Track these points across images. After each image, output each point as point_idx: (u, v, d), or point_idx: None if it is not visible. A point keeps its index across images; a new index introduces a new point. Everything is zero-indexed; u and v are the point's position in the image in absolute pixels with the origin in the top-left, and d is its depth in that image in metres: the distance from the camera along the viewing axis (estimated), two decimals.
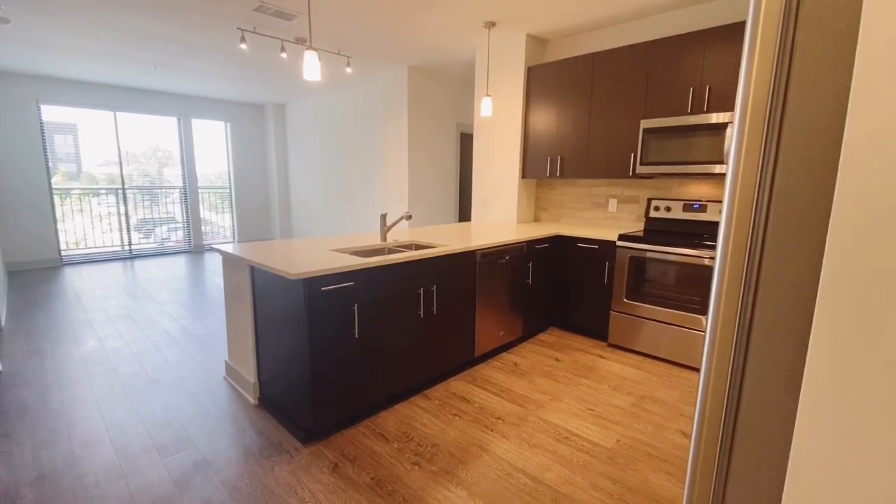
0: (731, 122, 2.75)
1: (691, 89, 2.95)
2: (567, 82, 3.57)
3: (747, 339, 0.80)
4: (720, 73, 2.82)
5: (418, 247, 2.79)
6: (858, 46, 0.50)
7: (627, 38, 3.54)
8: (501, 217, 4.20)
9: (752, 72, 0.73)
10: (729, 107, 2.80)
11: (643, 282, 3.07)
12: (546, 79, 3.71)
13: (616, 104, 3.31)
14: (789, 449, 0.59)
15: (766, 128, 0.73)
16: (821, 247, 0.64)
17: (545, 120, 3.76)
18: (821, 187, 0.65)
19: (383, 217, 2.81)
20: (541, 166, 3.83)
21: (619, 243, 3.13)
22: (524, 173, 3.99)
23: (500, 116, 4.07)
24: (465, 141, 5.92)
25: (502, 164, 4.11)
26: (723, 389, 0.83)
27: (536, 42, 3.96)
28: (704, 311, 2.80)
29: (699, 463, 0.88)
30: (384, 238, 2.81)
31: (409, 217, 2.75)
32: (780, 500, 0.60)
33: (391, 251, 2.74)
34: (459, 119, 5.62)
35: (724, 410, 0.83)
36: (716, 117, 2.82)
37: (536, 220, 4.31)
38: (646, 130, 3.14)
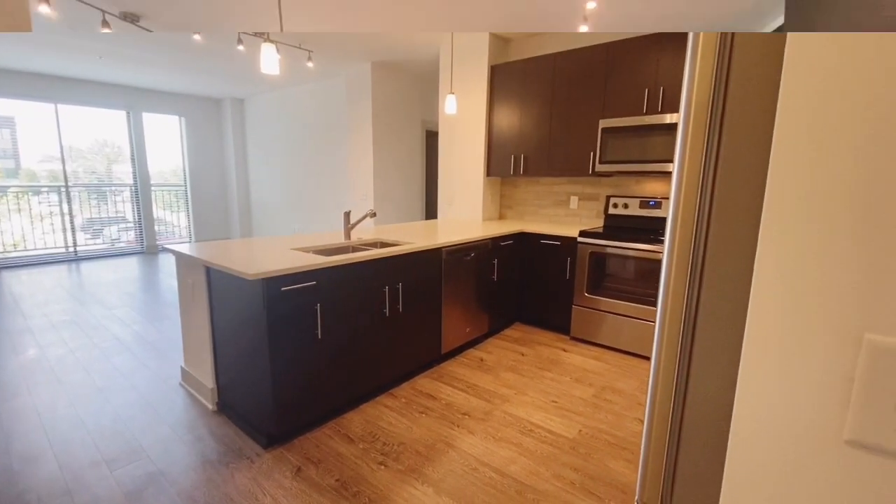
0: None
1: (646, 90, 3.06)
2: (530, 82, 3.63)
3: (693, 328, 0.84)
4: (674, 76, 2.94)
5: (383, 244, 2.77)
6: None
7: (588, 39, 3.63)
8: (467, 215, 4.23)
9: (695, 76, 0.77)
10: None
11: (603, 276, 3.17)
12: (509, 78, 3.76)
13: (576, 104, 3.40)
14: (729, 433, 0.63)
15: (707, 132, 0.76)
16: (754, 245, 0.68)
17: (509, 118, 3.81)
18: (755, 187, 0.69)
19: (347, 215, 2.77)
20: (505, 164, 3.88)
21: (579, 239, 3.22)
22: (489, 171, 4.03)
23: (464, 115, 4.09)
24: (432, 139, 5.92)
25: (467, 163, 4.13)
26: (671, 377, 0.88)
27: (500, 41, 4.01)
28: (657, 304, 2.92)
29: (651, 445, 0.92)
30: (348, 236, 2.77)
31: (374, 214, 2.72)
32: (721, 476, 0.64)
33: (355, 249, 2.71)
34: (425, 116, 5.61)
35: (673, 397, 0.87)
36: (670, 118, 2.94)
37: (501, 217, 4.37)
38: (604, 130, 3.24)
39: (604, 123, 3.23)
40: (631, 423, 2.25)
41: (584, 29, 2.89)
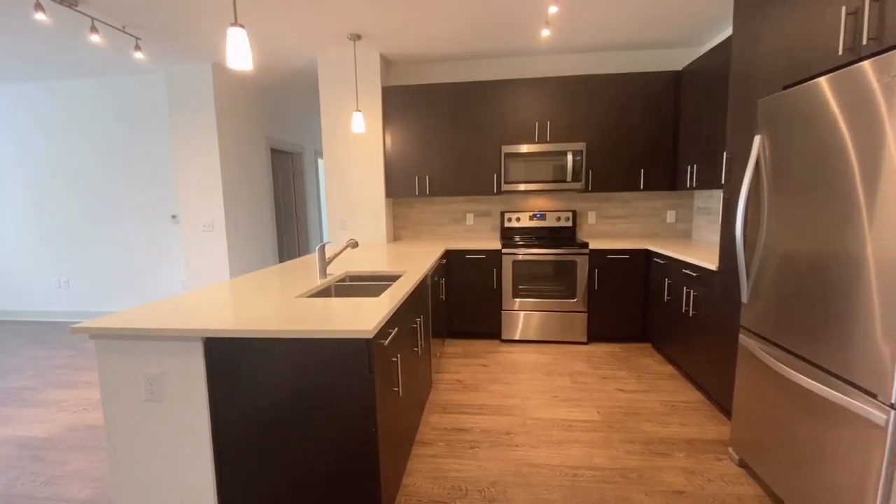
0: (568, 151, 3.63)
1: (536, 123, 3.70)
2: (431, 106, 3.77)
3: None
4: (557, 112, 3.66)
5: (373, 278, 2.42)
6: None
7: (468, 73, 4.05)
8: (364, 238, 3.97)
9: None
10: (564, 138, 3.68)
11: (524, 281, 3.62)
12: (405, 101, 3.79)
13: (480, 130, 3.76)
14: None
15: None
16: None
17: (409, 140, 3.83)
18: None
19: (321, 249, 2.28)
20: (408, 185, 3.88)
21: (503, 251, 3.58)
22: (389, 192, 3.92)
23: (357, 135, 3.85)
24: (276, 158, 5.20)
25: (363, 184, 3.90)
26: None
27: (386, 62, 3.98)
28: (573, 296, 3.58)
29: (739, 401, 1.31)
30: (324, 274, 2.28)
31: (356, 245, 2.35)
32: None
33: (337, 291, 2.27)
34: (270, 133, 4.87)
35: None
36: (557, 146, 3.65)
37: (396, 238, 4.29)
38: (506, 154, 3.71)
39: (506, 149, 3.70)
40: (618, 393, 2.73)
41: (546, 33, 3.23)
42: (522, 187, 3.73)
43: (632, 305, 3.55)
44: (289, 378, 1.44)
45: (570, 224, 4.00)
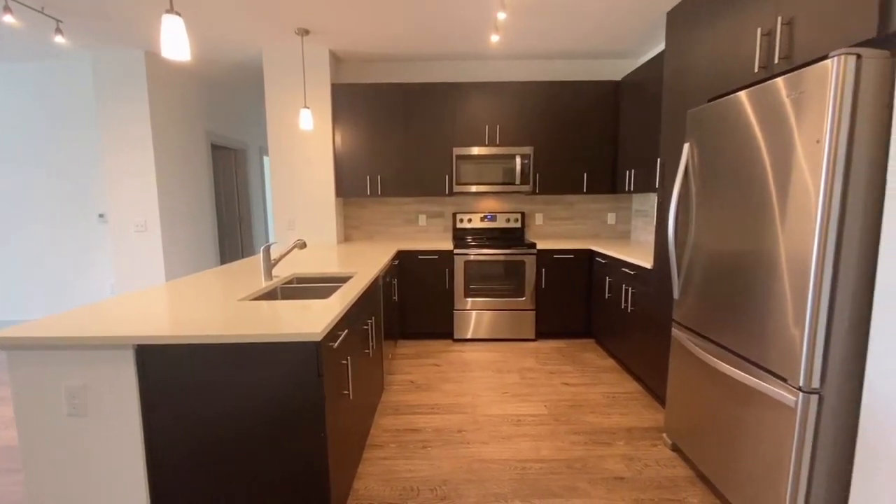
0: (516, 154, 3.74)
1: (486, 126, 3.77)
2: (382, 106, 3.73)
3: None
4: (506, 116, 3.76)
5: (321, 280, 2.37)
6: None
7: (419, 74, 4.05)
8: (314, 239, 3.87)
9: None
10: (513, 141, 3.78)
11: (475, 280, 3.68)
12: (356, 99, 3.73)
13: (432, 131, 3.77)
14: None
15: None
16: None
17: (361, 139, 3.77)
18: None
19: (267, 250, 2.19)
20: (359, 185, 3.82)
21: (456, 251, 3.62)
22: (339, 192, 3.84)
23: (305, 132, 3.74)
24: (218, 154, 4.93)
25: (312, 183, 3.79)
26: None
27: (335, 59, 3.90)
28: (522, 294, 3.69)
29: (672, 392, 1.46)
30: (269, 276, 2.20)
31: (304, 245, 2.28)
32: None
33: (283, 294, 2.20)
34: (210, 127, 4.60)
35: None
36: (507, 149, 3.75)
37: (348, 239, 4.21)
38: (458, 156, 3.75)
39: (457, 151, 3.75)
40: (563, 387, 2.84)
41: (496, 38, 3.26)
42: (474, 189, 3.79)
43: (576, 303, 3.71)
44: (231, 385, 1.37)
45: (519, 225, 4.12)
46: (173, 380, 1.37)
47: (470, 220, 4.11)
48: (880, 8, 1.26)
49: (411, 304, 3.69)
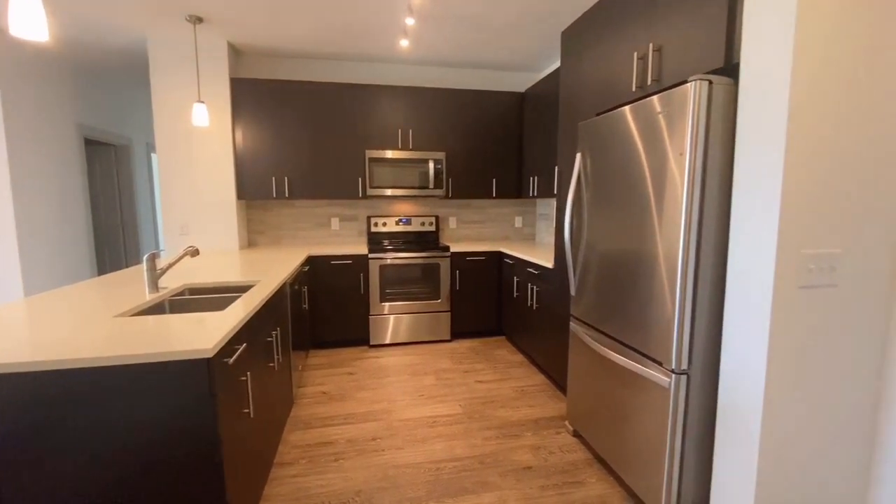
0: (429, 159, 3.78)
1: (399, 130, 3.77)
2: (290, 104, 3.54)
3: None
4: (418, 120, 3.79)
5: (217, 290, 2.17)
6: None
7: (329, 74, 3.92)
8: (212, 245, 3.55)
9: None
10: (426, 146, 3.83)
11: (391, 285, 3.65)
12: (261, 95, 3.50)
13: (343, 133, 3.67)
14: None
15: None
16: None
17: (265, 138, 3.54)
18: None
19: (152, 258, 1.95)
20: (264, 187, 3.58)
21: (370, 256, 3.55)
22: (241, 194, 3.57)
23: (200, 129, 3.42)
24: (95, 151, 4.29)
25: (209, 184, 3.48)
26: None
27: (235, 52, 3.62)
28: (437, 296, 3.73)
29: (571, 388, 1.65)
30: (155, 287, 1.97)
31: (196, 253, 2.08)
32: None
33: (173, 306, 1.99)
34: (83, 119, 4.00)
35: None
36: (420, 154, 3.78)
37: (251, 245, 3.92)
38: (371, 159, 3.70)
39: (370, 154, 3.69)
40: (477, 385, 2.93)
41: (405, 43, 3.19)
42: (389, 192, 3.76)
43: (488, 302, 3.85)
44: (107, 415, 1.20)
45: (433, 229, 4.17)
46: (28, 415, 1.16)
47: (385, 224, 4.07)
48: (727, 43, 1.49)
49: (324, 311, 3.55)
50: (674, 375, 1.55)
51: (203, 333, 1.35)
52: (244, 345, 1.55)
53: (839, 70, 1.28)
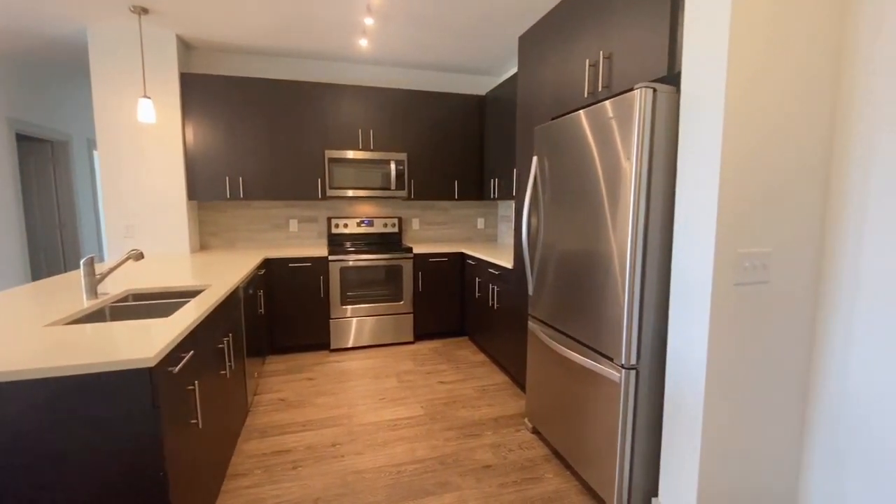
0: (391, 160, 3.76)
1: (360, 130, 3.72)
2: (246, 101, 3.42)
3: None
4: (380, 122, 3.75)
5: (138, 297, 2.06)
6: None
7: (286, 72, 3.82)
8: (161, 249, 3.37)
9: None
10: (387, 147, 3.80)
11: (352, 287, 3.59)
12: (213, 92, 3.36)
13: (301, 131, 3.58)
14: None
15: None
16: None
17: (218, 136, 3.40)
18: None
19: (89, 263, 1.83)
20: (217, 187, 3.44)
21: (331, 258, 3.48)
22: (192, 194, 3.41)
23: (147, 125, 3.24)
24: (29, 147, 3.98)
25: (157, 184, 3.30)
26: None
27: (185, 47, 3.46)
28: (400, 298, 3.71)
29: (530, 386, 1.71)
30: (94, 293, 1.84)
31: (141, 256, 1.97)
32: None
33: (114, 314, 1.87)
34: (13, 114, 3.70)
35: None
36: (381, 155, 3.75)
37: (204, 248, 3.75)
38: (330, 159, 3.63)
39: (329, 154, 3.62)
40: (439, 385, 2.93)
41: (364, 43, 3.11)
42: (350, 193, 3.70)
43: (451, 303, 3.87)
44: (35, 433, 1.12)
45: (396, 230, 4.14)
46: None
47: (346, 225, 4.01)
48: (669, 52, 1.56)
49: (282, 316, 3.44)
50: (623, 370, 1.61)
51: (145, 341, 1.28)
52: (191, 352, 1.48)
53: (769, 83, 1.37)
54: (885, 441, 1.35)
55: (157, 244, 3.36)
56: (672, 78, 1.59)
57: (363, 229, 4.05)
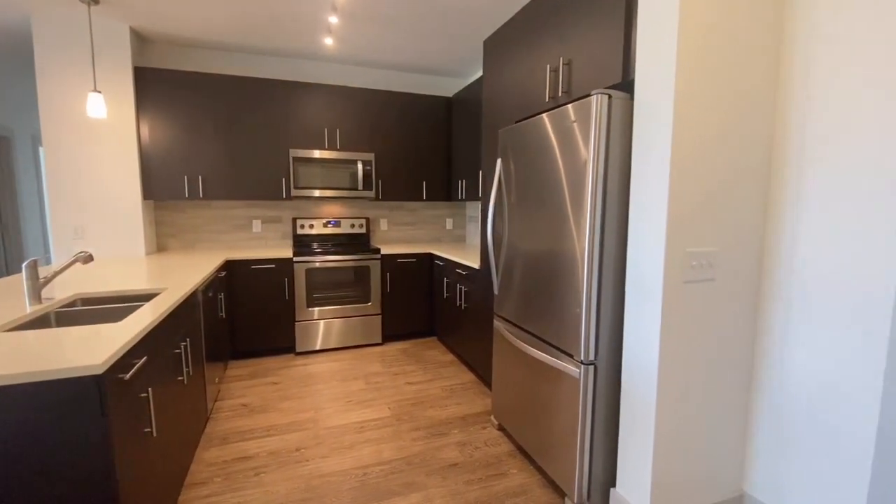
0: (358, 160, 3.73)
1: (326, 129, 3.67)
2: (205, 98, 3.31)
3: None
4: (347, 121, 3.71)
5: (87, 301, 1.97)
6: None
7: (249, 69, 3.72)
8: (114, 251, 3.21)
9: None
10: (354, 147, 3.76)
11: (318, 289, 3.54)
12: (171, 87, 3.23)
13: (265, 129, 3.49)
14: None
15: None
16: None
17: (176, 134, 3.27)
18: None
19: (32, 266, 1.73)
20: (175, 186, 3.31)
21: (296, 259, 3.42)
22: (148, 194, 3.26)
23: (98, 121, 3.08)
24: None
25: (109, 183, 3.14)
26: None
27: (140, 40, 3.31)
28: (368, 300, 3.68)
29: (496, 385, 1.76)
30: (37, 298, 1.74)
31: (90, 258, 1.88)
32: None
33: (60, 320, 1.78)
34: None
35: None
36: (348, 154, 3.71)
37: (161, 249, 3.60)
38: (295, 158, 3.56)
39: (294, 153, 3.55)
40: (407, 386, 2.93)
41: (329, 41, 3.05)
42: (317, 193, 3.64)
43: (420, 304, 3.87)
44: None
45: (364, 231, 4.11)
46: None
47: (312, 226, 3.94)
48: (624, 61, 1.63)
49: (244, 319, 3.35)
50: (582, 366, 1.67)
51: (94, 347, 1.22)
52: (145, 358, 1.43)
53: (714, 92, 1.46)
54: (821, 429, 1.46)
55: (109, 246, 3.20)
56: (627, 85, 1.66)
57: (330, 230, 4.00)
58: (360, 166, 3.74)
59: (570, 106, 1.70)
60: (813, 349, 1.47)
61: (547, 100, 2.04)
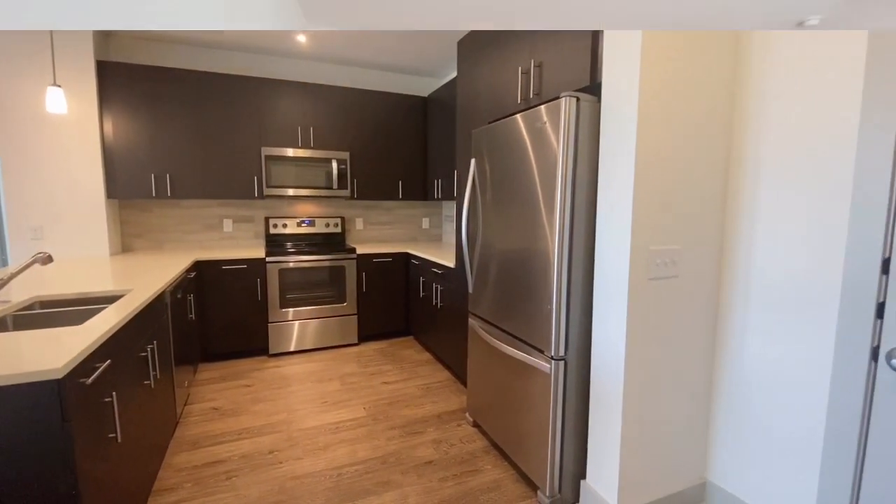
0: (333, 159, 3.70)
1: (299, 128, 3.62)
2: (173, 94, 3.21)
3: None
4: (321, 120, 3.67)
5: (46, 304, 1.90)
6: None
7: (220, 64, 3.64)
8: (76, 251, 3.08)
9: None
10: (328, 145, 3.73)
11: (292, 289, 3.49)
12: (136, 82, 3.12)
13: (235, 127, 3.42)
14: None
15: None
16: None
17: (142, 131, 3.17)
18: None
19: None
20: (142, 185, 3.20)
21: (268, 259, 3.36)
22: (112, 192, 3.15)
23: (58, 117, 2.95)
24: None
25: (71, 181, 3.02)
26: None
27: (104, 33, 3.19)
28: (343, 300, 3.66)
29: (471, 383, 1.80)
30: None
31: (50, 259, 1.81)
32: None
33: (17, 324, 1.70)
34: None
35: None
36: (322, 153, 3.67)
37: (127, 250, 3.48)
38: (267, 157, 3.50)
39: (266, 151, 3.49)
40: (383, 386, 2.93)
41: (301, 38, 3.00)
42: (290, 192, 3.59)
43: (396, 303, 3.87)
44: None
45: (339, 230, 4.08)
46: None
47: (285, 226, 3.89)
48: (591, 64, 1.68)
49: (215, 321, 3.28)
50: (553, 362, 1.71)
51: (54, 351, 1.18)
52: (108, 362, 1.39)
53: (677, 97, 1.52)
54: (777, 422, 1.54)
55: (71, 247, 3.07)
56: (595, 88, 1.71)
57: (304, 229, 3.95)
58: (334, 165, 3.71)
59: (542, 107, 1.74)
60: (767, 338, 1.55)
61: (519, 101, 2.07)
